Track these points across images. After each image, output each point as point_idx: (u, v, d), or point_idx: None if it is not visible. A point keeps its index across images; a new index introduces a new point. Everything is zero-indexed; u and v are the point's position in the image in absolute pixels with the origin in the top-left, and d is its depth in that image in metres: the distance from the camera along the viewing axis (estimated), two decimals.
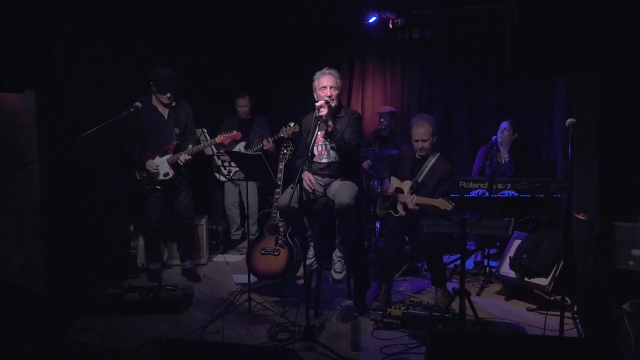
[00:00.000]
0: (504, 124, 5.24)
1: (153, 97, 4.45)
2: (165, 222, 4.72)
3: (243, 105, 5.67)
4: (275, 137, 4.84)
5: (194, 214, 4.85)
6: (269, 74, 6.75)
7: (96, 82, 4.44)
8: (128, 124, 4.27)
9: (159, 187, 4.49)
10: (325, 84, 3.74)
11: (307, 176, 3.80)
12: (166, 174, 4.45)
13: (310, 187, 3.78)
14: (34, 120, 3.71)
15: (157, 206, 4.54)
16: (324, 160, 3.87)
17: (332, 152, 3.83)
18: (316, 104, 3.57)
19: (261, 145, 5.33)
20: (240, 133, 4.73)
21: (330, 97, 3.67)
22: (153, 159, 4.43)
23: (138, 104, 3.85)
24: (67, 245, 4.07)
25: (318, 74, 3.81)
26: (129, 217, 4.90)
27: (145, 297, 3.91)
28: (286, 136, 4.37)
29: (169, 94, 4.39)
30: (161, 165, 4.44)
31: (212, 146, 5.06)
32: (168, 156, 4.45)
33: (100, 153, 4.48)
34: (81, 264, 4.21)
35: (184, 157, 4.43)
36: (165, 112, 4.50)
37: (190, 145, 4.50)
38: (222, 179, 5.78)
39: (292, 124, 4.40)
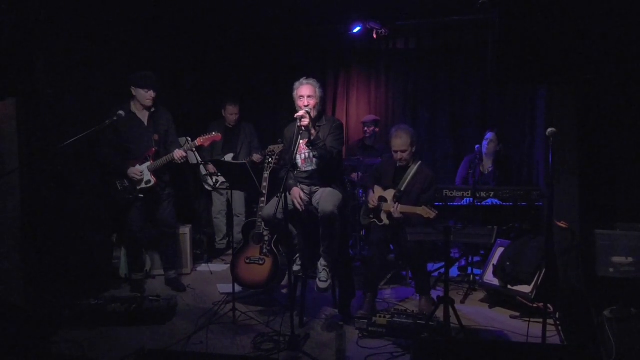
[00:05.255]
0: (489, 135, 5.24)
1: (132, 103, 4.41)
2: (147, 231, 4.67)
3: (234, 112, 5.62)
4: (266, 152, 4.85)
5: (176, 223, 4.81)
6: (254, 83, 6.74)
7: (78, 90, 4.39)
8: (106, 133, 4.22)
9: (141, 196, 4.44)
10: (303, 94, 3.75)
11: (297, 193, 3.76)
12: (147, 182, 4.41)
13: (301, 205, 3.73)
14: (14, 129, 3.65)
15: (139, 215, 4.50)
16: (309, 169, 3.88)
17: (315, 160, 3.83)
18: (296, 114, 3.59)
19: (249, 158, 5.34)
20: (220, 134, 4.66)
21: (307, 106, 3.69)
22: (134, 167, 4.39)
23: (121, 112, 3.83)
24: (48, 256, 4.00)
25: (297, 84, 3.82)
26: (111, 227, 4.84)
27: (128, 308, 3.86)
28: (277, 151, 4.38)
29: (152, 92, 4.34)
30: (143, 172, 4.40)
31: (195, 153, 5.03)
32: (148, 163, 4.41)
33: (82, 162, 4.43)
34: (62, 275, 4.14)
35: (179, 153, 4.38)
36: (144, 118, 4.45)
37: (187, 142, 4.48)
38: (209, 187, 5.75)
39: (280, 141, 4.40)
